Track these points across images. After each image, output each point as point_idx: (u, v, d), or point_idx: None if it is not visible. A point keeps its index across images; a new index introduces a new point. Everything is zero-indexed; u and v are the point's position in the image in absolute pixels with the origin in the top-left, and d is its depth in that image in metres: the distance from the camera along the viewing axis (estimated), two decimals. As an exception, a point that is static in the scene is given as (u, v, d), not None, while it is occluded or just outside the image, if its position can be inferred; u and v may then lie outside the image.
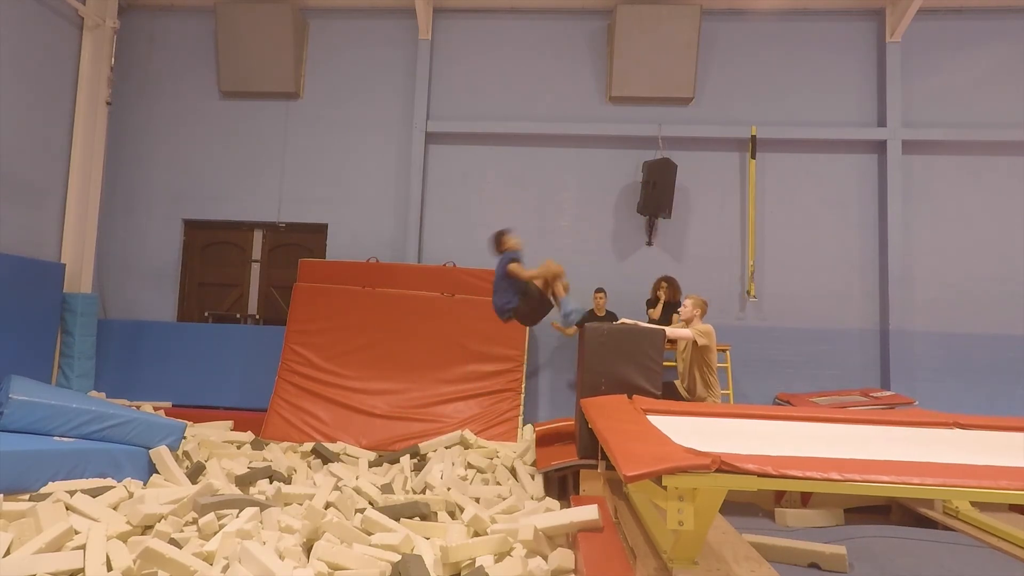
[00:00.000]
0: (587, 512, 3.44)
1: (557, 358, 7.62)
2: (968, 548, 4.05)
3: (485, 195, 8.01)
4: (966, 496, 3.08)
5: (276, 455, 5.69)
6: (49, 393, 5.09)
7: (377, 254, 7.77)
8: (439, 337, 7.03)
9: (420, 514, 4.03)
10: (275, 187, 8.20)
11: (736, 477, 2.61)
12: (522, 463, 5.40)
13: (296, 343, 7.11)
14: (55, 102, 7.51)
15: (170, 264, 8.25)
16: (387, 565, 3.26)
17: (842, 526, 4.60)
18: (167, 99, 8.39)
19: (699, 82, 7.82)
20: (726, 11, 7.93)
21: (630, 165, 7.81)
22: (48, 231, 7.48)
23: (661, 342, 4.97)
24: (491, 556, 3.33)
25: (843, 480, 2.57)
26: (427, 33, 8.04)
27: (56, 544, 3.27)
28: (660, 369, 4.89)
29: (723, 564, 3.12)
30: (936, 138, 7.58)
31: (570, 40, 8.12)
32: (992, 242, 7.48)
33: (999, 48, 7.66)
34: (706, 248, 7.77)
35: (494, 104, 8.08)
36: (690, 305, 5.51)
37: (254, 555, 3.06)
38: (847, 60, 7.87)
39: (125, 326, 7.89)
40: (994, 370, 7.27)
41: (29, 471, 4.12)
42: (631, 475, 2.69)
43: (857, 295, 7.58)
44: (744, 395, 7.32)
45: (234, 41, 8.09)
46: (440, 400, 6.78)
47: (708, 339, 5.29)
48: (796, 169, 7.80)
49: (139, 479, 4.64)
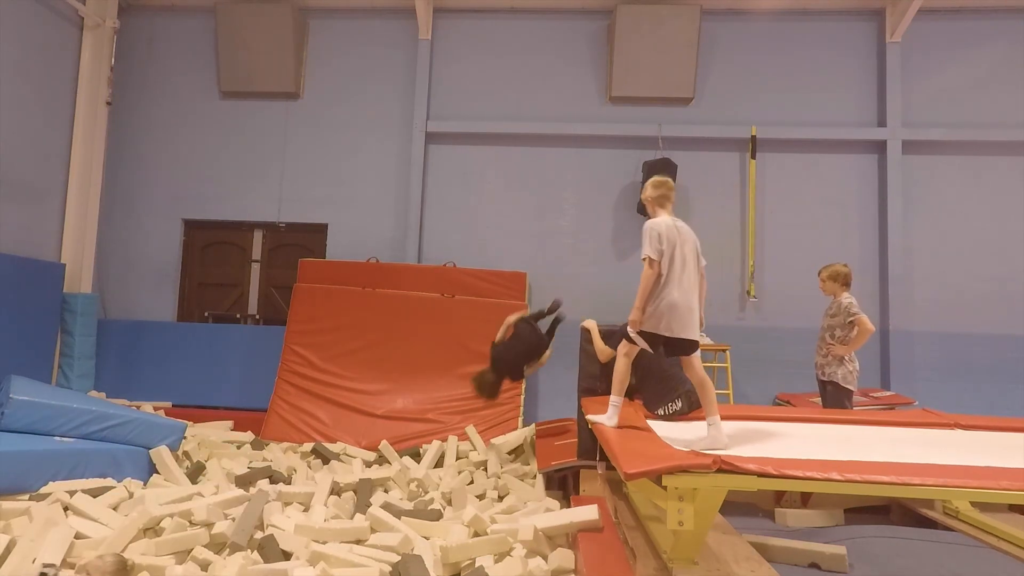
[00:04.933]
0: (587, 512, 3.44)
1: (557, 358, 7.58)
2: (968, 548, 4.05)
3: (485, 195, 8.01)
4: (966, 496, 3.08)
5: (276, 455, 5.69)
6: (49, 393, 5.09)
7: (377, 254, 7.77)
8: (439, 337, 7.02)
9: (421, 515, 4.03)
10: (275, 187, 8.20)
11: (736, 477, 2.62)
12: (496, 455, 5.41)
13: (296, 343, 7.11)
14: (55, 102, 7.51)
15: (170, 264, 8.24)
16: (387, 565, 3.26)
17: (842, 526, 4.61)
18: (167, 99, 8.39)
19: (699, 82, 7.82)
20: (726, 11, 7.92)
21: (630, 165, 7.81)
22: (48, 231, 7.48)
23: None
24: (491, 556, 3.32)
25: (843, 480, 2.57)
26: (427, 33, 8.03)
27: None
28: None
29: (723, 564, 3.12)
30: (936, 138, 7.58)
31: (570, 40, 8.11)
32: (992, 242, 7.47)
33: (999, 48, 7.66)
34: (706, 248, 7.65)
35: (494, 104, 8.08)
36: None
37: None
38: (847, 60, 7.87)
39: (125, 326, 7.89)
40: (994, 370, 7.27)
41: (29, 471, 4.12)
42: (631, 473, 2.70)
43: (857, 295, 7.50)
44: (744, 395, 7.32)
45: (234, 41, 8.08)
46: (440, 400, 6.77)
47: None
48: (796, 169, 7.80)
49: (139, 479, 4.65)
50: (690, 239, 3.64)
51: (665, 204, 3.74)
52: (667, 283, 3.49)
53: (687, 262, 3.56)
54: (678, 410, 4.22)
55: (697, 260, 3.67)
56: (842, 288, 5.16)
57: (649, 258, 3.51)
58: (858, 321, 4.94)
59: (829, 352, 5.07)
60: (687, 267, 3.56)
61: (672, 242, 3.53)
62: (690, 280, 3.55)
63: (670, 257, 3.52)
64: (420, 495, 4.73)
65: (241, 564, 3.14)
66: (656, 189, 3.78)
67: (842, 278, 5.15)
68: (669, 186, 3.79)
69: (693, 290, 3.57)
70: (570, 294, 7.64)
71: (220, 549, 3.47)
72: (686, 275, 3.54)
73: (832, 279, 5.18)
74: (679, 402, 4.22)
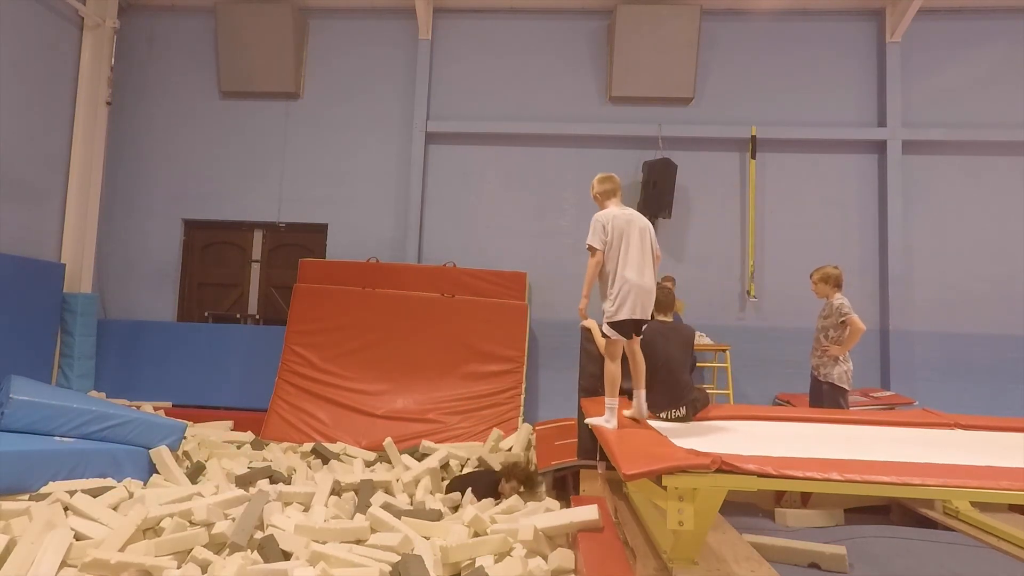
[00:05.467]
0: (587, 512, 3.43)
1: (557, 358, 7.61)
2: (968, 548, 4.05)
3: (485, 195, 8.01)
4: (966, 496, 3.08)
5: (276, 455, 5.68)
6: (49, 393, 5.09)
7: (377, 254, 7.77)
8: (439, 337, 7.02)
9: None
10: (275, 187, 8.20)
11: (736, 477, 2.62)
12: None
13: (296, 343, 7.11)
14: (55, 102, 7.51)
15: (170, 264, 8.25)
16: (387, 565, 3.26)
17: (842, 526, 4.60)
18: (167, 99, 8.39)
19: (699, 82, 7.82)
20: (726, 11, 7.93)
21: (630, 165, 7.81)
22: (48, 231, 7.48)
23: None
24: (491, 556, 3.32)
25: (843, 480, 2.57)
26: (427, 33, 8.04)
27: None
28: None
29: (723, 564, 3.12)
30: (936, 138, 7.58)
31: (570, 40, 8.12)
32: (992, 242, 7.47)
33: (999, 48, 7.66)
34: (706, 248, 7.78)
35: (494, 104, 8.08)
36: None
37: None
38: (847, 60, 7.87)
39: (125, 326, 7.89)
40: (994, 370, 7.27)
41: (29, 471, 4.12)
42: (631, 473, 2.69)
43: (857, 295, 7.54)
44: (744, 395, 7.32)
45: (234, 41, 8.09)
46: (440, 400, 6.77)
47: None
48: (796, 169, 7.80)
49: (139, 479, 4.64)
50: (638, 225, 3.80)
51: (611, 197, 3.96)
52: (622, 267, 3.68)
53: (634, 245, 3.73)
54: (681, 416, 4.25)
55: (649, 244, 3.81)
56: (834, 289, 5.19)
57: (591, 247, 3.75)
58: (849, 321, 4.98)
59: (824, 353, 5.10)
60: (638, 250, 3.73)
61: (620, 230, 3.74)
62: (644, 262, 3.74)
63: (619, 244, 3.72)
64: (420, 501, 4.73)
65: (241, 564, 3.14)
66: (602, 184, 4.02)
67: (833, 280, 5.19)
68: (614, 181, 4.02)
69: (646, 271, 3.74)
70: (570, 294, 7.66)
71: (220, 549, 3.46)
72: (638, 257, 3.72)
73: (823, 281, 5.22)
74: (683, 409, 4.25)
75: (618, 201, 3.96)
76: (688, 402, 4.28)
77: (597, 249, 3.73)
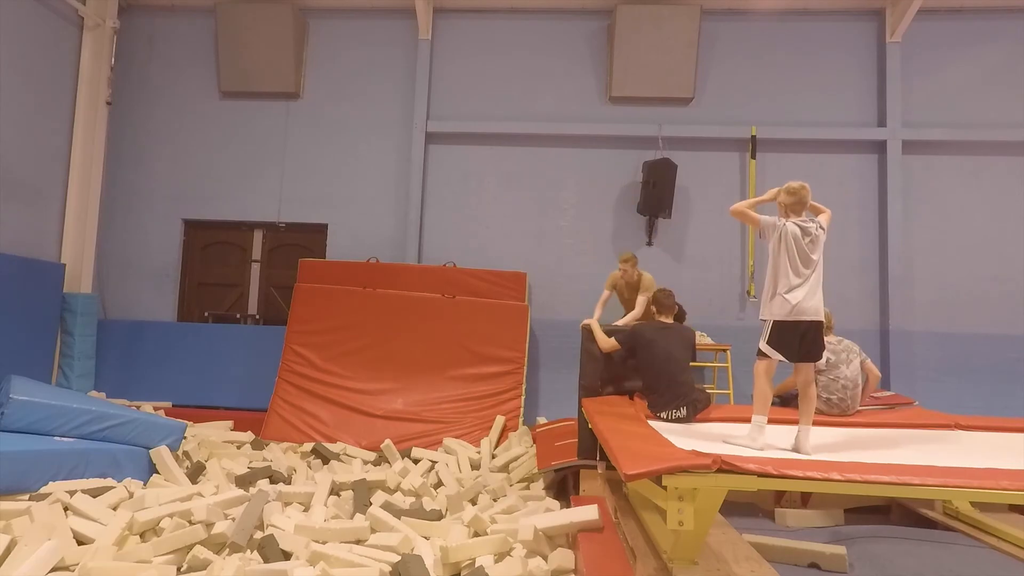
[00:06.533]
0: (587, 512, 3.44)
1: (557, 358, 7.61)
2: (968, 548, 4.05)
3: (485, 195, 8.01)
4: (966, 496, 3.08)
5: (276, 455, 5.69)
6: (49, 393, 5.09)
7: (377, 254, 7.77)
8: (439, 337, 7.02)
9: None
10: (275, 187, 8.20)
11: (736, 477, 2.62)
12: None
13: (296, 343, 7.11)
14: (55, 102, 7.51)
15: (170, 264, 8.24)
16: (387, 565, 3.26)
17: (842, 526, 4.60)
18: (167, 99, 8.39)
19: (699, 82, 7.82)
20: (726, 11, 7.92)
21: (630, 165, 7.81)
22: (48, 231, 7.48)
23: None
24: (491, 556, 3.32)
25: (843, 480, 2.57)
26: (427, 33, 8.03)
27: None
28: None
29: (723, 564, 3.12)
30: (936, 138, 7.58)
31: (570, 40, 8.11)
32: (992, 242, 7.47)
33: (999, 48, 7.66)
34: (706, 248, 7.77)
35: (494, 104, 8.08)
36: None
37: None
38: (847, 60, 7.87)
39: (125, 326, 7.89)
40: (994, 370, 7.27)
41: (29, 471, 4.12)
42: (631, 474, 2.69)
43: (857, 295, 7.57)
44: (744, 395, 7.29)
45: (234, 41, 8.08)
46: (440, 401, 6.77)
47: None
48: (796, 169, 7.77)
49: (139, 479, 4.65)
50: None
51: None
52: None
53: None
54: (682, 416, 4.25)
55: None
56: (827, 330, 5.16)
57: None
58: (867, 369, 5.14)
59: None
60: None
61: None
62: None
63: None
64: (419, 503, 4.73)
65: (240, 564, 3.14)
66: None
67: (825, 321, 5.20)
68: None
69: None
70: (570, 294, 7.67)
71: (220, 549, 3.46)
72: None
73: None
74: (684, 409, 4.26)
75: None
76: (689, 402, 4.29)
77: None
